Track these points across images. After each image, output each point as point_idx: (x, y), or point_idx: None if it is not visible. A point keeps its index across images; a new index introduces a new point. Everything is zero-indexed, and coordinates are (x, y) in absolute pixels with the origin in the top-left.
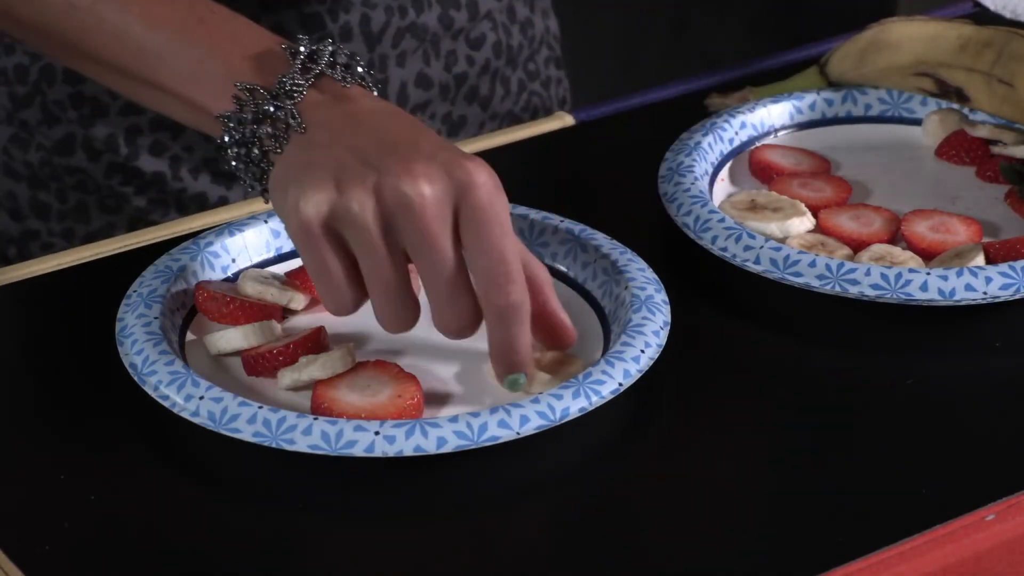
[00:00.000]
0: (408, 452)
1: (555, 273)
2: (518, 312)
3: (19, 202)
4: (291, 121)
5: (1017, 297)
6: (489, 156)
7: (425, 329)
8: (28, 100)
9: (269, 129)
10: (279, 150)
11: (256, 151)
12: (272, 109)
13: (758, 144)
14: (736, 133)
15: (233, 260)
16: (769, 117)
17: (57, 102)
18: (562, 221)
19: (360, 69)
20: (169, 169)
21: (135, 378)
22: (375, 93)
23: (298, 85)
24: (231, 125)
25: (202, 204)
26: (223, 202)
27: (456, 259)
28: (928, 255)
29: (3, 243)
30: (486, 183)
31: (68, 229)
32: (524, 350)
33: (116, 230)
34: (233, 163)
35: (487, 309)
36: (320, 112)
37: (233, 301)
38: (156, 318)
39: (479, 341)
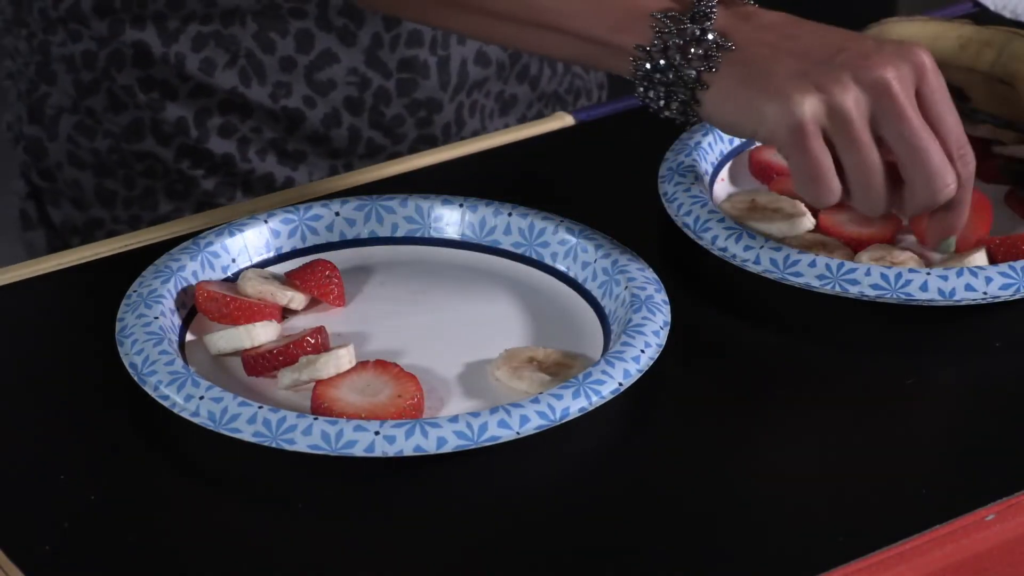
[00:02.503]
0: (408, 452)
1: (555, 273)
2: (970, 180)
3: (84, 190)
4: (719, 40)
5: (1017, 297)
6: (489, 156)
7: (425, 329)
8: (94, 87)
9: (699, 51)
10: (714, 69)
11: (689, 75)
12: (698, 32)
13: (758, 144)
14: None
15: (233, 260)
16: None
17: (125, 87)
18: (562, 221)
19: None
20: (238, 151)
21: (135, 378)
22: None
23: (710, 7)
24: (656, 54)
25: (269, 185)
26: (289, 183)
27: (929, 131)
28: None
29: (67, 232)
30: (932, 64)
31: (135, 216)
32: (963, 215)
33: (184, 215)
34: (652, 95)
35: (960, 177)
36: (742, 28)
37: (233, 301)
38: (156, 318)
39: (480, 342)
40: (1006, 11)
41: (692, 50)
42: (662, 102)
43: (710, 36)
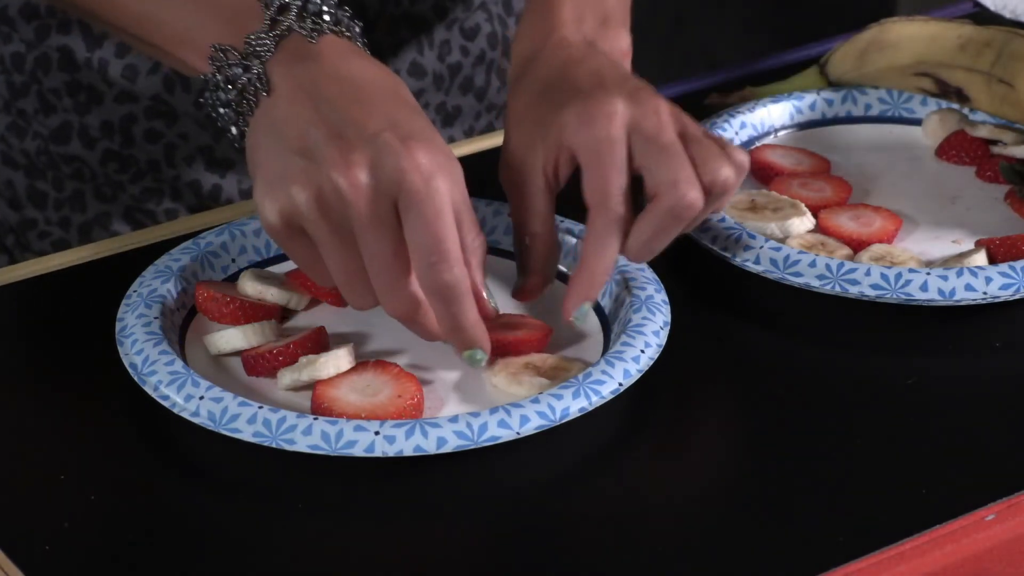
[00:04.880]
0: (408, 452)
1: (555, 273)
2: (455, 290)
3: (17, 191)
4: (257, 84)
5: (1017, 297)
6: (489, 156)
7: None
8: (25, 89)
9: (239, 92)
10: (250, 113)
11: (232, 112)
12: (240, 71)
13: (758, 144)
14: (736, 133)
15: (233, 260)
16: (769, 117)
17: (53, 90)
18: (562, 221)
19: (327, 17)
20: (164, 157)
21: (135, 378)
22: (355, 32)
23: (264, 44)
24: (210, 88)
25: (196, 192)
26: (217, 190)
27: (392, 245)
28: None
29: (2, 232)
30: (422, 165)
31: (65, 218)
32: (471, 326)
33: (112, 219)
34: (219, 124)
35: (426, 291)
36: (283, 76)
37: (233, 301)
38: (156, 318)
39: None
40: (1006, 11)
41: (234, 90)
42: (229, 134)
43: (248, 79)
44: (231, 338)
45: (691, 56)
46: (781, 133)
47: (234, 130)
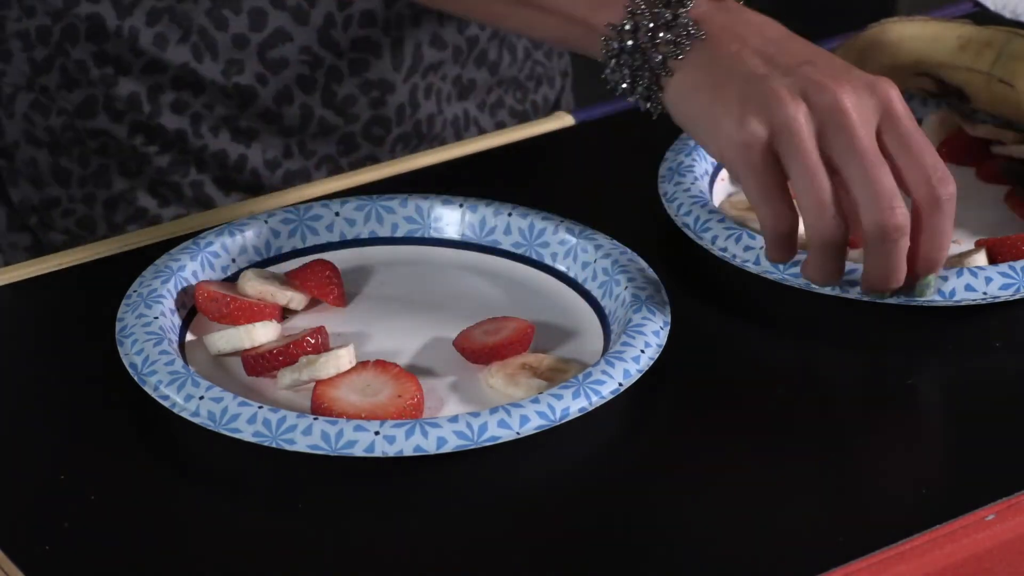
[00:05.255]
0: (408, 452)
1: (555, 273)
2: (944, 205)
3: (40, 169)
4: (691, 28)
5: (1017, 297)
6: (489, 156)
7: (425, 330)
8: (48, 64)
9: (669, 35)
10: (680, 56)
11: (655, 59)
12: (670, 16)
13: None
14: None
15: (233, 260)
16: None
17: (79, 62)
18: (562, 221)
19: None
20: (190, 127)
21: (135, 378)
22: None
23: None
24: (626, 33)
25: (222, 162)
26: (242, 160)
27: (883, 164)
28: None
29: (26, 211)
30: (899, 99)
31: (89, 194)
32: (900, 269)
33: (137, 193)
34: (618, 76)
35: (924, 205)
36: (716, 19)
37: (233, 301)
38: (156, 318)
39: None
40: (1006, 11)
41: (662, 34)
42: (626, 84)
43: (682, 21)
44: (231, 338)
45: None
46: None
47: (647, 75)
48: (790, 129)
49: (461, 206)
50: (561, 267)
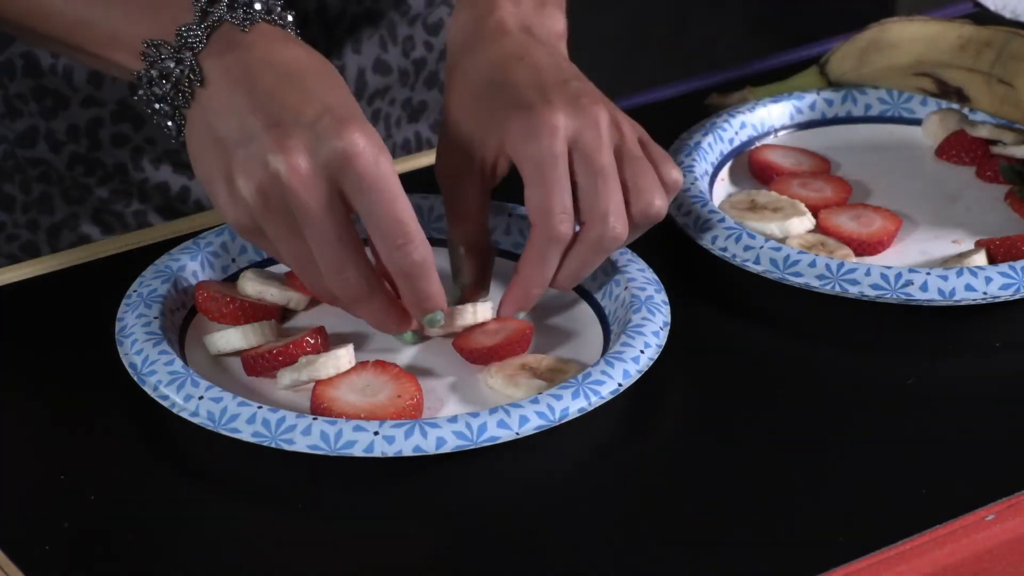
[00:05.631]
0: (407, 452)
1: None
2: (423, 267)
3: None
4: (191, 76)
5: (1017, 297)
6: None
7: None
8: None
9: (174, 85)
10: (186, 107)
11: (168, 107)
12: (173, 64)
13: (758, 144)
14: (736, 133)
15: (233, 260)
16: (769, 117)
17: (19, 95)
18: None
19: (258, 6)
20: (131, 160)
21: (135, 378)
22: (287, 22)
23: (195, 36)
24: (144, 84)
25: (164, 194)
26: (185, 192)
27: (336, 230)
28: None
29: None
30: (365, 150)
31: (33, 220)
32: (436, 296)
33: (80, 220)
34: (155, 120)
35: (394, 271)
36: (215, 67)
37: (233, 301)
38: (156, 318)
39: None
40: (1006, 11)
41: (169, 83)
42: (168, 130)
43: (181, 70)
44: (231, 338)
45: (691, 56)
46: (781, 133)
47: (171, 124)
48: (249, 204)
49: None
50: None
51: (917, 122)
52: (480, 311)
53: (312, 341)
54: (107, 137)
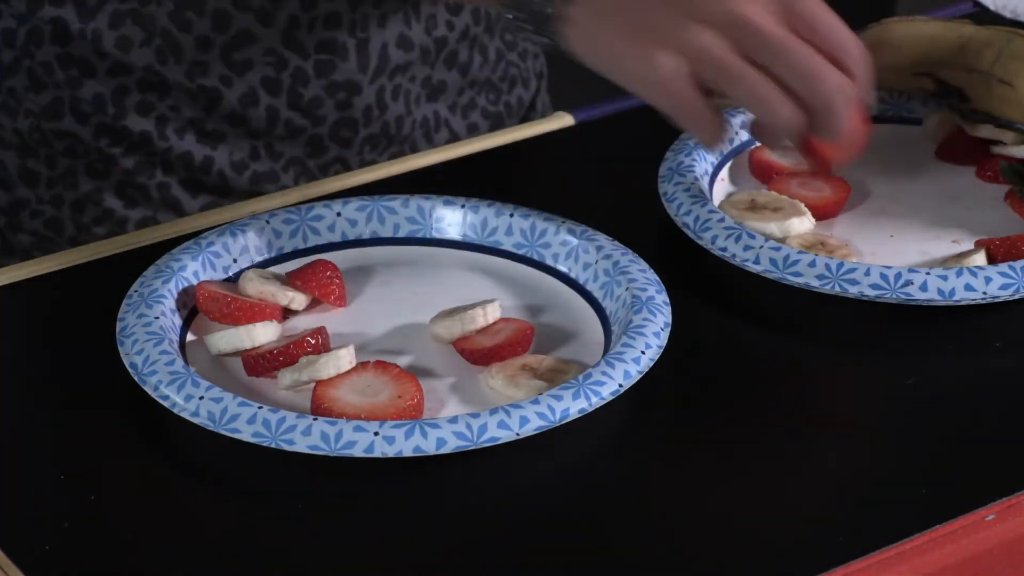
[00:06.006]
0: (408, 453)
1: (556, 274)
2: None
3: (8, 171)
4: None
5: (1017, 297)
6: (489, 156)
7: (426, 330)
8: (15, 67)
9: None
10: (568, 5)
11: (542, 12)
12: None
13: (758, 144)
14: (736, 133)
15: (234, 260)
16: None
17: (44, 64)
18: (563, 222)
19: None
20: (156, 128)
21: (135, 378)
22: None
23: None
24: None
25: (188, 164)
26: (208, 162)
27: (804, 44)
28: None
29: None
30: None
31: (57, 196)
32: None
33: (104, 193)
34: (515, 25)
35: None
36: None
37: (234, 301)
38: (156, 318)
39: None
40: (1006, 11)
41: None
42: (528, 30)
43: None
44: (231, 338)
45: None
46: None
47: (536, 32)
48: (704, 50)
49: (463, 207)
50: (562, 268)
51: (917, 122)
52: (490, 312)
53: (313, 341)
54: (132, 105)
